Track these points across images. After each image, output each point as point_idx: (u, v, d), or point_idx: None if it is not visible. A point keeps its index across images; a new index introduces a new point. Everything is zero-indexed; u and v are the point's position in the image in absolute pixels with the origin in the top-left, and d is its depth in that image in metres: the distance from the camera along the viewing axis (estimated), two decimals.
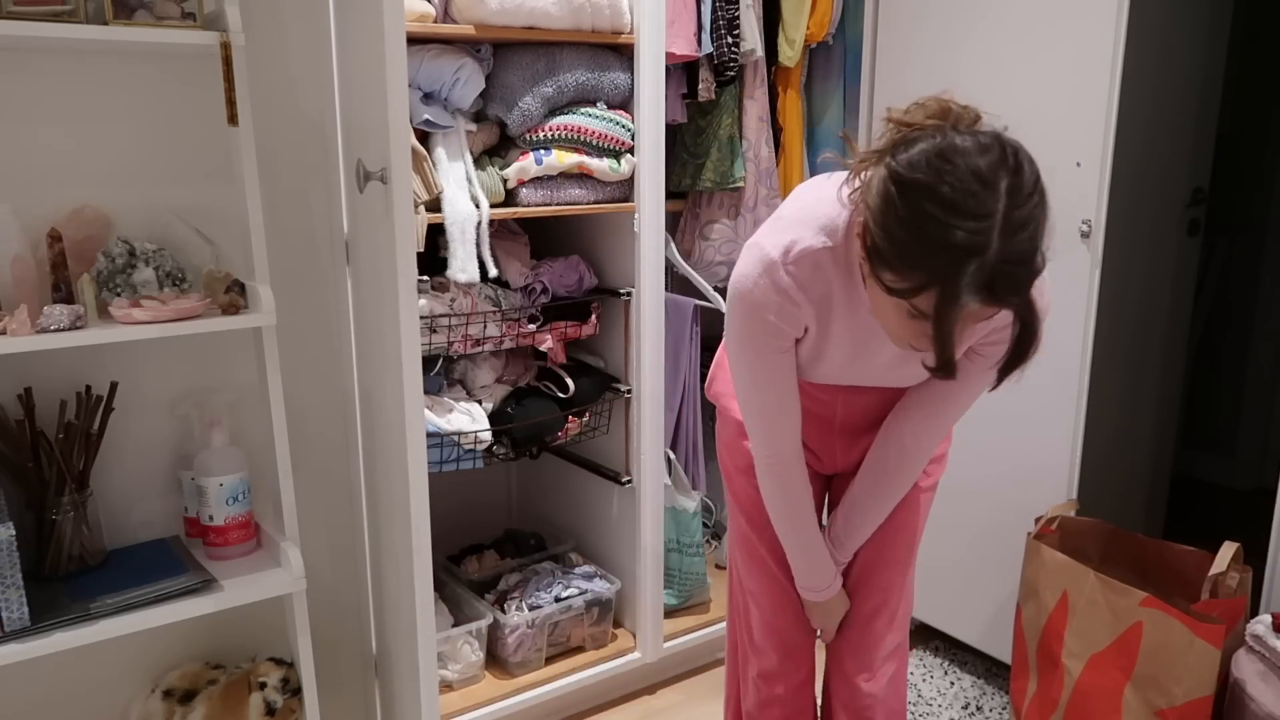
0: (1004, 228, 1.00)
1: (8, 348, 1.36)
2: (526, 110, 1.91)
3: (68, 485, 1.52)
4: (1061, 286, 2.02)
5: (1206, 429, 3.50)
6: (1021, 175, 1.02)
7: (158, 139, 1.66)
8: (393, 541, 1.77)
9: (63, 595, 1.49)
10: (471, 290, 2.00)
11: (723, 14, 2.20)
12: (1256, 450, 3.42)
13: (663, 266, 2.14)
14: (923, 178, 1.02)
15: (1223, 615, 1.68)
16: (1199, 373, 3.38)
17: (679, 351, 2.38)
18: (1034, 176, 1.04)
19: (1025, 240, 1.02)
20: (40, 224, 1.53)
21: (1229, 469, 3.47)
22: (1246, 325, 3.37)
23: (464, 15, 1.81)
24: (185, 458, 1.71)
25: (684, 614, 2.41)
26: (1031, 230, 1.02)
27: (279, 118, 1.78)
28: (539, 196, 1.97)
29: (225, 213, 1.68)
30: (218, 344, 1.74)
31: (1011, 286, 1.03)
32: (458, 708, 2.03)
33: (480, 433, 2.00)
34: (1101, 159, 1.92)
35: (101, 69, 1.59)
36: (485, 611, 2.14)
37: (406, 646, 1.75)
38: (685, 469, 2.43)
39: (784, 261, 1.25)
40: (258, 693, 1.67)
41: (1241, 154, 3.24)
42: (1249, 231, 3.31)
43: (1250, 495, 3.29)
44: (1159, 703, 1.73)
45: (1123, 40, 1.87)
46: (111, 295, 1.55)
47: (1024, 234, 1.01)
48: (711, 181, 2.33)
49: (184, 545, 1.70)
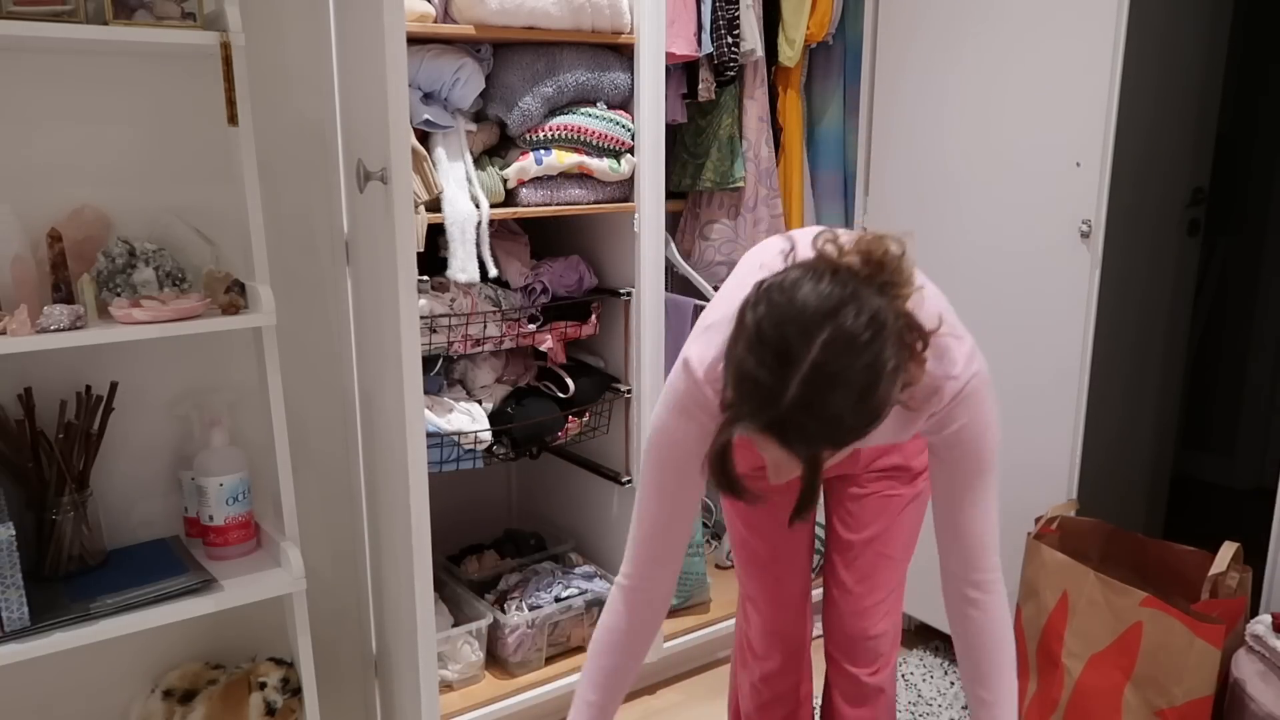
0: (804, 378, 0.93)
1: (8, 348, 1.36)
2: (526, 110, 1.92)
3: (68, 485, 1.52)
4: (1061, 286, 2.02)
5: (1206, 429, 3.50)
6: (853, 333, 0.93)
7: (158, 139, 1.66)
8: (393, 541, 1.77)
9: (63, 595, 1.49)
10: (471, 290, 2.00)
11: (723, 14, 2.20)
12: (1256, 450, 3.42)
13: (663, 266, 2.14)
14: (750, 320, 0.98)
15: (1223, 615, 1.68)
16: (1199, 373, 3.38)
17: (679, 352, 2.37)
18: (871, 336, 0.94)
19: (829, 396, 0.93)
20: (40, 224, 1.53)
21: (1229, 469, 3.47)
22: (1246, 325, 3.37)
23: (464, 15, 1.81)
24: (185, 458, 1.71)
25: (684, 614, 2.41)
26: (844, 388, 0.93)
27: (279, 118, 1.78)
28: (539, 196, 1.97)
29: (225, 213, 1.68)
30: (218, 344, 1.74)
31: (800, 437, 0.96)
32: (458, 708, 2.03)
33: (480, 433, 2.00)
34: (1101, 159, 1.92)
35: (101, 69, 1.59)
36: (485, 611, 2.14)
37: (406, 646, 1.75)
38: None
39: (710, 380, 1.18)
40: (258, 693, 1.67)
41: (1241, 154, 3.24)
42: (1249, 231, 3.31)
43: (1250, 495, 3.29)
44: (1159, 703, 1.73)
45: (1123, 40, 1.87)
46: (111, 295, 1.55)
47: (831, 390, 0.93)
48: (711, 181, 2.33)
49: (184, 545, 1.70)
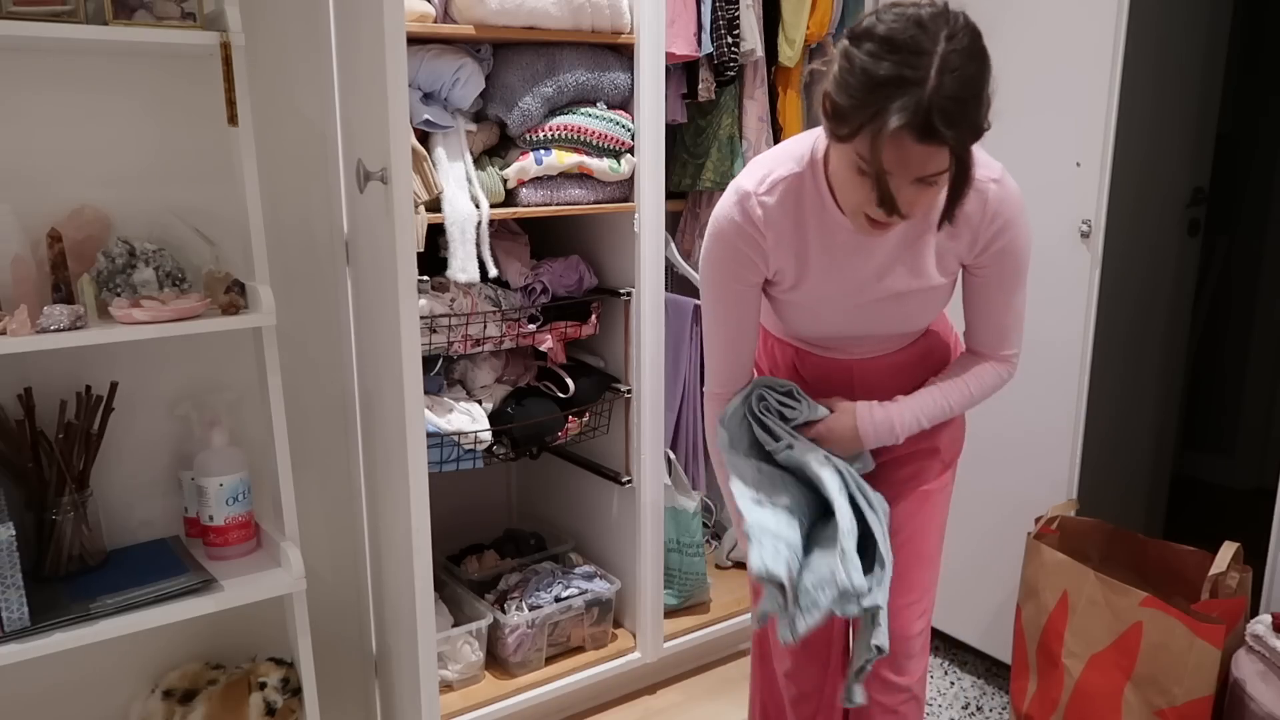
0: (940, 66, 1.07)
1: (8, 348, 1.36)
2: (526, 110, 1.91)
3: (68, 485, 1.52)
4: (1062, 286, 2.02)
5: (1206, 429, 3.50)
6: (960, 31, 1.09)
7: (157, 139, 1.66)
8: (393, 541, 1.77)
9: (63, 595, 1.49)
10: (471, 290, 2.00)
11: (723, 14, 2.20)
12: (1256, 450, 3.42)
13: (663, 266, 2.14)
14: (866, 25, 1.12)
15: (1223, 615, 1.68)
16: (1199, 373, 3.38)
17: (679, 351, 2.38)
18: (974, 37, 1.11)
19: (961, 81, 1.08)
20: (40, 224, 1.53)
21: (1229, 469, 3.47)
22: (1246, 325, 3.37)
23: (464, 15, 1.81)
24: (185, 458, 1.71)
25: (684, 614, 2.41)
26: (969, 75, 1.09)
27: (279, 118, 1.78)
28: (539, 196, 1.97)
29: (225, 213, 1.68)
30: (218, 344, 1.74)
31: (946, 121, 1.07)
32: (458, 708, 2.03)
33: (480, 433, 2.00)
34: (1101, 159, 1.92)
35: (101, 69, 1.59)
36: (485, 611, 2.14)
37: (406, 646, 1.75)
38: (685, 469, 2.43)
39: (757, 192, 1.33)
40: (258, 693, 1.67)
41: (1241, 154, 3.24)
42: (1249, 231, 3.31)
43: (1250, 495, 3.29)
44: (1159, 703, 1.73)
45: (1123, 40, 1.87)
46: (111, 295, 1.55)
47: (960, 74, 1.07)
48: (711, 181, 2.33)
49: (184, 545, 1.70)
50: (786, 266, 1.37)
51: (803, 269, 1.37)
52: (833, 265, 1.36)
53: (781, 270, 1.37)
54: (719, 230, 1.36)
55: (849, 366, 1.51)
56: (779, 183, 1.32)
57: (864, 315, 1.41)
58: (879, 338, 1.48)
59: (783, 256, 1.36)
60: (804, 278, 1.38)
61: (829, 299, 1.40)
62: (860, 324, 1.43)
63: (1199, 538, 1.98)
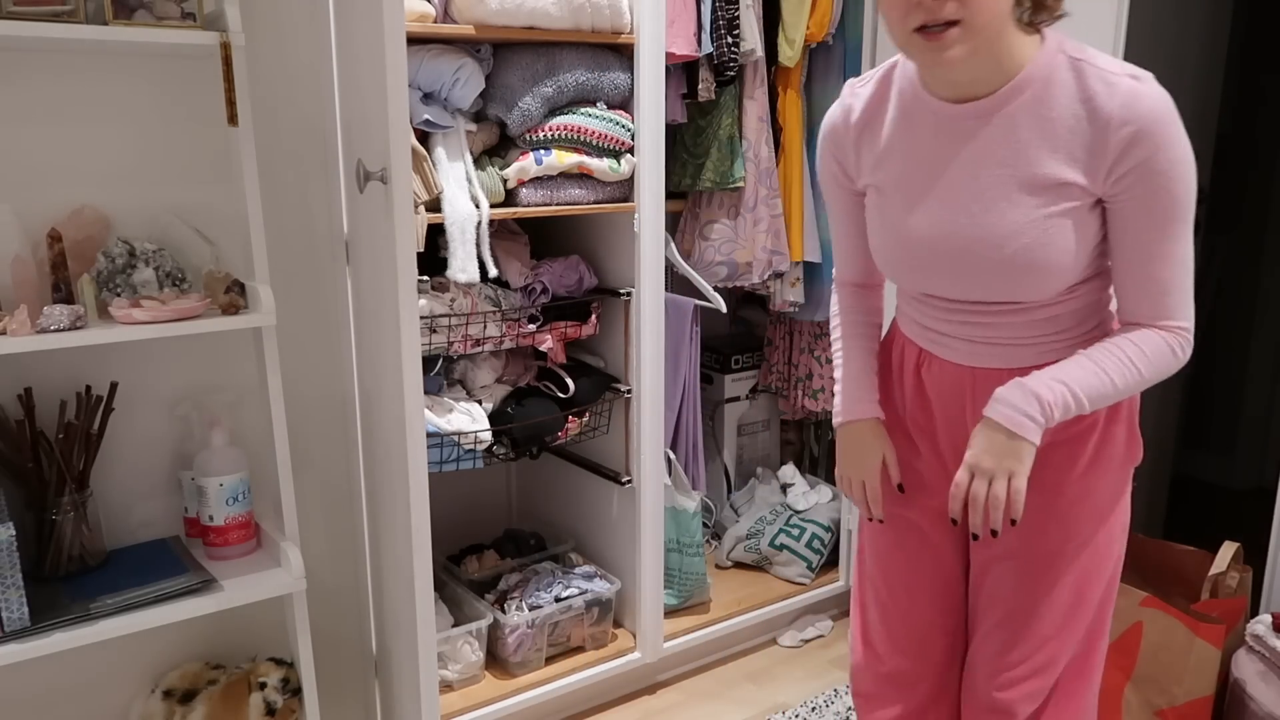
0: None
1: (8, 348, 1.36)
2: (526, 110, 1.91)
3: (68, 485, 1.52)
4: None
5: (1206, 429, 3.50)
6: None
7: (158, 139, 1.66)
8: (393, 541, 1.77)
9: (63, 595, 1.49)
10: (471, 290, 2.00)
11: (723, 14, 2.20)
12: (1256, 450, 3.42)
13: (663, 266, 2.14)
14: None
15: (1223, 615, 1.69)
16: (1199, 373, 3.38)
17: (679, 351, 2.38)
18: None
19: None
20: (40, 224, 1.53)
21: (1229, 469, 3.47)
22: (1246, 325, 3.37)
23: (464, 15, 1.81)
24: (185, 458, 1.71)
25: (684, 614, 2.41)
26: None
27: (279, 118, 1.78)
28: (539, 196, 1.97)
29: (225, 213, 1.68)
30: (218, 344, 1.74)
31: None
32: (458, 708, 2.03)
33: (480, 433, 2.00)
34: None
35: (102, 69, 1.59)
36: (485, 611, 2.14)
37: (406, 646, 1.75)
38: (685, 469, 2.43)
39: (855, 85, 1.28)
40: (258, 693, 1.67)
41: (1241, 154, 3.24)
42: (1249, 231, 3.31)
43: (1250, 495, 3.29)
44: (1159, 702, 1.73)
45: (1123, 41, 1.87)
46: (111, 295, 1.55)
47: None
48: (711, 181, 2.33)
49: (184, 545, 1.70)
50: (870, 163, 1.25)
51: (887, 161, 1.23)
52: (919, 156, 1.19)
53: (869, 168, 1.26)
54: (823, 129, 1.32)
55: (971, 376, 1.26)
56: (876, 73, 1.26)
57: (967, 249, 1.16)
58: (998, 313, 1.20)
59: (868, 152, 1.25)
60: (889, 176, 1.23)
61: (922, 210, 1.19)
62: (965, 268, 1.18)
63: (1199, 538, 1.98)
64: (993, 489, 1.11)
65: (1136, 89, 1.07)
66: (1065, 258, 1.13)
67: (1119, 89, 1.07)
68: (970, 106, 1.14)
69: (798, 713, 2.20)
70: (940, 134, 1.17)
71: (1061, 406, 1.11)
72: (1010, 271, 1.14)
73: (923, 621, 1.41)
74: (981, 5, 1.04)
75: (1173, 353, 1.14)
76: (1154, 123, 1.06)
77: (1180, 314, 1.14)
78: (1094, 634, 1.33)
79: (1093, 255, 1.16)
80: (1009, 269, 1.14)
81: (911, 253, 1.22)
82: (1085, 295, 1.20)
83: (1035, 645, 1.29)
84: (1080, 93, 1.10)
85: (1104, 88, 1.08)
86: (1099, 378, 1.11)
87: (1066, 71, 1.11)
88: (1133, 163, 1.07)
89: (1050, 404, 1.10)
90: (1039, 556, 1.27)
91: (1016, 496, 1.11)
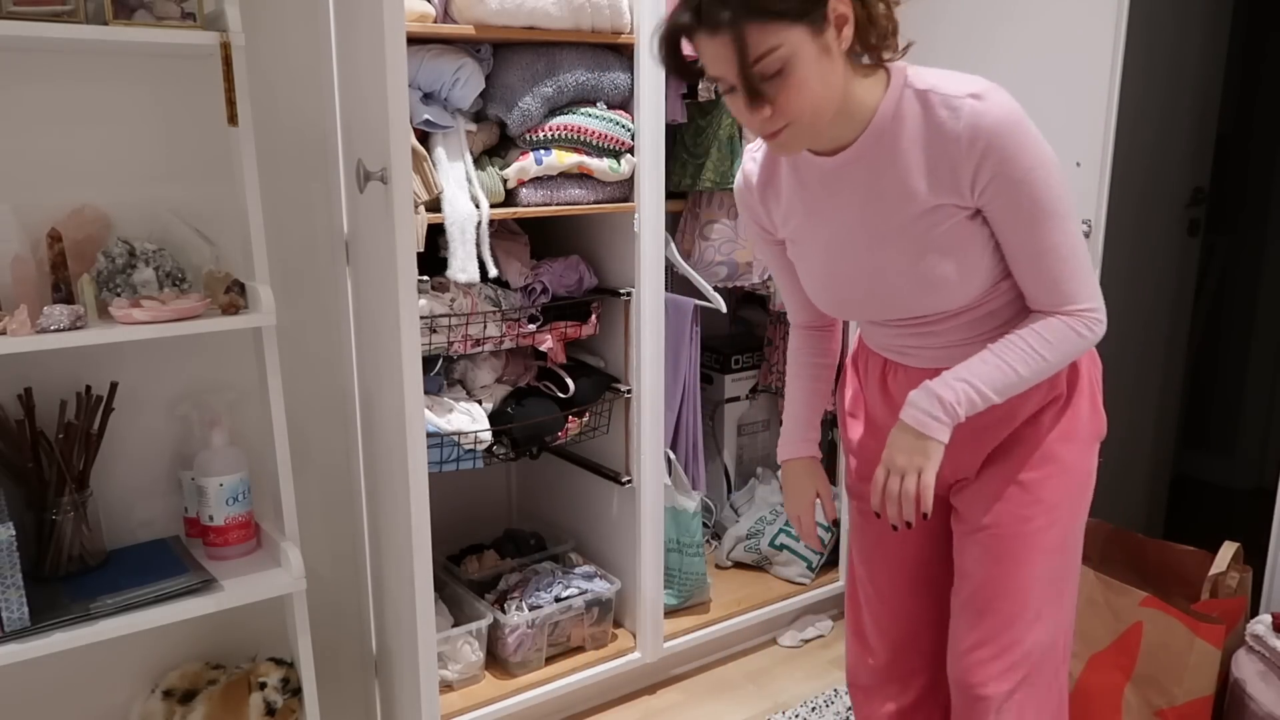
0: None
1: (8, 348, 1.36)
2: (526, 110, 1.91)
3: (68, 485, 1.52)
4: None
5: (1206, 429, 3.50)
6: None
7: (158, 139, 1.66)
8: (393, 541, 1.77)
9: (63, 595, 1.49)
10: (471, 290, 2.00)
11: None
12: (1256, 450, 3.41)
13: (663, 266, 2.14)
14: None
15: (1223, 615, 1.69)
16: (1199, 373, 3.38)
17: (679, 351, 2.38)
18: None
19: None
20: (40, 224, 1.53)
21: (1229, 469, 3.47)
22: (1247, 325, 3.37)
23: (464, 15, 1.81)
24: (185, 458, 1.71)
25: (684, 614, 2.41)
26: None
27: (279, 118, 1.78)
28: (539, 196, 1.97)
29: (225, 213, 1.68)
30: (218, 344, 1.74)
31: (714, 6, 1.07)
32: (458, 708, 2.03)
33: (480, 433, 2.00)
34: (1101, 159, 1.92)
35: (102, 69, 1.59)
36: (485, 611, 2.14)
37: (406, 646, 1.75)
38: (685, 469, 2.43)
39: (751, 150, 1.36)
40: (258, 693, 1.67)
41: (1241, 154, 3.24)
42: (1249, 231, 3.31)
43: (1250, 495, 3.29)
44: (1159, 703, 1.73)
45: (1123, 40, 1.87)
46: (111, 295, 1.55)
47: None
48: (711, 181, 2.33)
49: (184, 545, 1.70)
50: (780, 218, 1.34)
51: (791, 215, 1.31)
52: (814, 206, 1.28)
53: (780, 223, 1.35)
54: (734, 191, 1.41)
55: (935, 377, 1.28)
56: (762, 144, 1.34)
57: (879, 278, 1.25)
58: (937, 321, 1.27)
59: (775, 209, 1.34)
60: (796, 226, 1.31)
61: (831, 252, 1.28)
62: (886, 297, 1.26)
63: (1199, 538, 1.98)
64: (904, 484, 1.21)
65: (978, 108, 1.13)
66: (967, 268, 1.21)
67: (962, 112, 1.14)
68: (840, 157, 1.22)
69: (798, 713, 2.20)
70: (825, 183, 1.26)
71: (966, 403, 1.20)
72: (924, 290, 1.24)
73: (907, 614, 1.48)
74: (800, 108, 1.12)
75: (1078, 334, 1.21)
76: (1000, 136, 1.13)
77: (1080, 297, 1.21)
78: (1065, 618, 1.38)
79: (995, 258, 1.23)
80: (922, 288, 1.24)
81: (836, 293, 1.33)
82: (1012, 288, 1.26)
83: (1002, 622, 1.32)
84: (929, 122, 1.17)
85: (949, 113, 1.15)
86: (1001, 370, 1.20)
87: (913, 104, 1.18)
88: (989, 175, 1.14)
89: (952, 403, 1.20)
90: (1005, 527, 1.32)
91: (925, 491, 1.20)
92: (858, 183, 1.22)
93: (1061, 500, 1.32)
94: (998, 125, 1.12)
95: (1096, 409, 1.36)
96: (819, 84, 1.11)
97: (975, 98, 1.14)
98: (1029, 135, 1.14)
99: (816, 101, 1.12)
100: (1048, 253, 1.18)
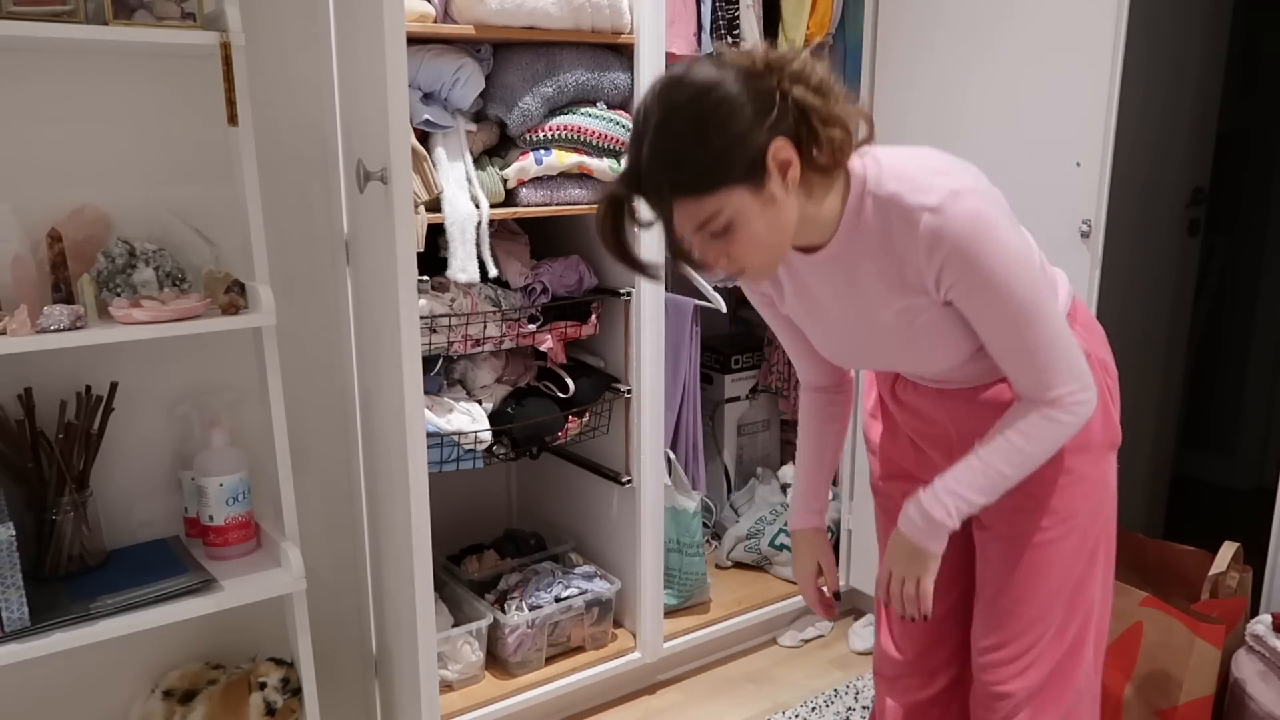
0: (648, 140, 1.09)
1: (8, 348, 1.36)
2: (526, 110, 1.91)
3: (68, 485, 1.52)
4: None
5: (1206, 429, 3.50)
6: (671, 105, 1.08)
7: (158, 139, 1.66)
8: (393, 541, 1.77)
9: (63, 595, 1.49)
10: (471, 290, 2.00)
11: (723, 14, 2.20)
12: (1256, 450, 3.41)
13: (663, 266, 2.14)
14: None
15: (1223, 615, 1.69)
16: (1199, 372, 3.38)
17: (679, 351, 2.38)
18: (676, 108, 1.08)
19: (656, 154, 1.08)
20: (40, 224, 1.53)
21: (1229, 469, 3.47)
22: (1246, 325, 3.37)
23: (464, 15, 1.81)
24: (185, 458, 1.71)
25: (684, 614, 2.41)
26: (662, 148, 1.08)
27: (279, 118, 1.78)
28: (539, 196, 1.97)
29: (225, 213, 1.68)
30: (218, 344, 1.74)
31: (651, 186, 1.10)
32: (458, 708, 2.03)
33: (480, 433, 2.00)
34: (1101, 159, 1.92)
35: (101, 69, 1.59)
36: (485, 611, 2.14)
37: (406, 646, 1.75)
38: (685, 469, 2.43)
39: None
40: (258, 693, 1.67)
41: (1241, 154, 3.24)
42: (1249, 231, 3.31)
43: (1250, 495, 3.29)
44: (1159, 703, 1.73)
45: (1123, 40, 1.87)
46: (111, 295, 1.55)
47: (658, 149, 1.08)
48: None
49: (184, 545, 1.70)
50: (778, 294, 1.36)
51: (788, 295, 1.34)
52: (806, 293, 1.31)
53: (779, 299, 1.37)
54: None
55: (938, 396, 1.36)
56: None
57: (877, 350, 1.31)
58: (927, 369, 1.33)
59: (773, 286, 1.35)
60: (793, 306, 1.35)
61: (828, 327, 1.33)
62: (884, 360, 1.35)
63: (1199, 538, 1.98)
64: (905, 589, 1.29)
65: (933, 225, 1.11)
66: (954, 343, 1.24)
67: (919, 229, 1.12)
68: (817, 256, 1.24)
69: (798, 713, 2.20)
70: (811, 273, 1.28)
71: (957, 514, 1.24)
72: (920, 361, 1.30)
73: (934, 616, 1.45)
74: (750, 253, 1.14)
75: (1060, 423, 1.21)
76: (959, 247, 1.11)
77: (1059, 383, 1.19)
78: (1084, 623, 1.38)
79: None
80: (917, 360, 1.30)
81: (838, 354, 1.38)
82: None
83: (1020, 628, 1.35)
84: (885, 232, 1.17)
85: (907, 228, 1.14)
86: (987, 475, 1.22)
87: (871, 213, 1.17)
88: (953, 279, 1.15)
89: (942, 519, 1.24)
90: (1022, 536, 1.34)
91: (924, 597, 1.28)
92: (838, 279, 1.25)
93: (1078, 510, 1.33)
94: (956, 237, 1.11)
95: (1109, 418, 1.37)
96: (768, 232, 1.12)
97: (933, 212, 1.11)
98: (990, 239, 1.11)
99: (768, 247, 1.14)
100: (1020, 348, 1.18)
